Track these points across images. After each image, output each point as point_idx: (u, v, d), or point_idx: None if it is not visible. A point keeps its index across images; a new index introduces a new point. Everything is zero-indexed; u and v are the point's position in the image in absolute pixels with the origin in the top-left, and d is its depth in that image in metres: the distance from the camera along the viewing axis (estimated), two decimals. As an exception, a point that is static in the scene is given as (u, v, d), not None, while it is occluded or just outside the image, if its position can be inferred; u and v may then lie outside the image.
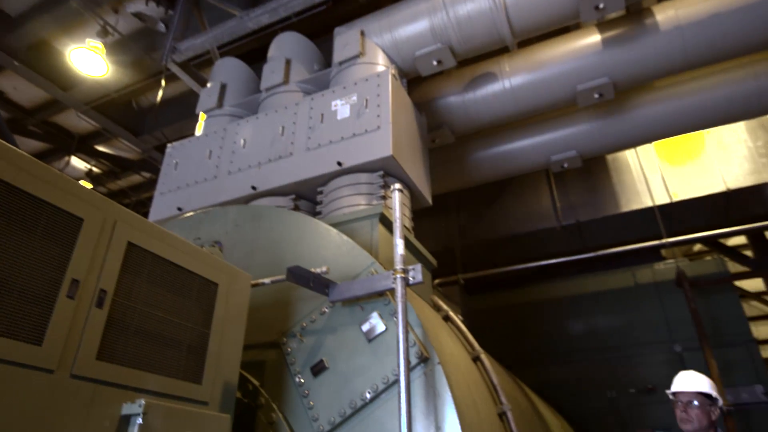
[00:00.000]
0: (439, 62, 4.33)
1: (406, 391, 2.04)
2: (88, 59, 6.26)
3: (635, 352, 7.69)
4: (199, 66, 7.03)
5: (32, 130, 8.12)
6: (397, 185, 2.60)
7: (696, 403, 2.87)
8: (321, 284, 2.57)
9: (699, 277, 7.65)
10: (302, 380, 2.48)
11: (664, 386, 7.19)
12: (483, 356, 3.22)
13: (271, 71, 4.75)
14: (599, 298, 8.39)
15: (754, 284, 11.42)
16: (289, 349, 2.59)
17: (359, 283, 2.55)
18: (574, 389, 7.75)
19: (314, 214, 3.75)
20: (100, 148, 8.85)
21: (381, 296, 2.54)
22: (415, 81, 5.05)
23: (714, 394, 2.88)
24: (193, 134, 4.93)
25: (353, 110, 3.79)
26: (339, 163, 3.61)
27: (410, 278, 2.38)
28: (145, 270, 1.82)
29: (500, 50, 4.66)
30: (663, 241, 6.59)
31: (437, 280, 7.68)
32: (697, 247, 10.77)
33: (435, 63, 4.33)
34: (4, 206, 1.45)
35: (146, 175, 9.31)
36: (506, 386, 3.41)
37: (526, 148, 5.81)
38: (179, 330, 1.87)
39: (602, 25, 4.66)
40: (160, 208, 4.33)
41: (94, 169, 9.31)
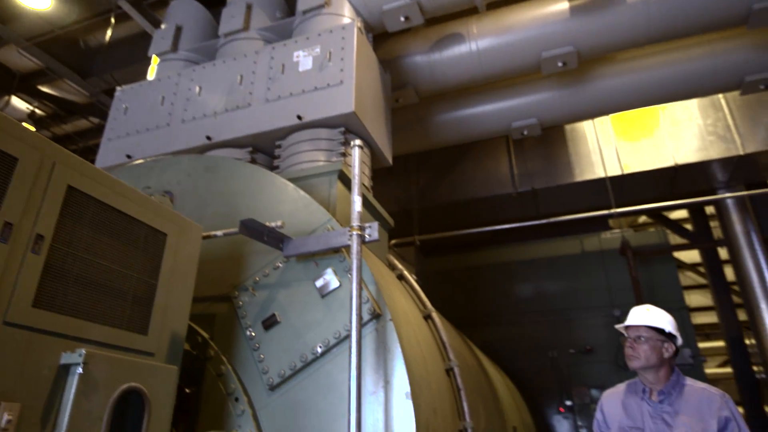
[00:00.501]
0: (406, 18, 4.21)
1: (357, 346, 2.07)
2: (29, -11, 5.77)
3: (577, 316, 8.16)
4: (153, 6, 6.60)
5: (-34, 65, 7.53)
6: (358, 141, 2.56)
7: (644, 337, 2.55)
8: (275, 238, 2.53)
9: (641, 246, 8.10)
10: (253, 334, 2.47)
11: (603, 348, 7.74)
12: (434, 315, 3.30)
13: (231, 16, 4.51)
14: (548, 263, 8.77)
15: (690, 255, 12.17)
16: (240, 303, 2.57)
17: (315, 238, 2.52)
18: (519, 348, 8.19)
19: (271, 168, 3.66)
20: (44, 89, 8.30)
21: (336, 253, 2.53)
22: (381, 37, 4.91)
23: (669, 329, 2.54)
24: (145, 79, 4.67)
25: (316, 62, 3.66)
26: (299, 117, 3.51)
27: (366, 236, 2.38)
28: (88, 216, 1.73)
29: (469, 11, 4.58)
30: (611, 211, 6.85)
31: (394, 241, 7.75)
32: (642, 218, 11.31)
33: (403, 19, 4.22)
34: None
35: (94, 120, 8.82)
36: (455, 344, 3.52)
37: (489, 113, 5.84)
38: (124, 280, 1.80)
39: (571, -7, 4.64)
40: (107, 155, 4.12)
41: (37, 111, 8.73)
